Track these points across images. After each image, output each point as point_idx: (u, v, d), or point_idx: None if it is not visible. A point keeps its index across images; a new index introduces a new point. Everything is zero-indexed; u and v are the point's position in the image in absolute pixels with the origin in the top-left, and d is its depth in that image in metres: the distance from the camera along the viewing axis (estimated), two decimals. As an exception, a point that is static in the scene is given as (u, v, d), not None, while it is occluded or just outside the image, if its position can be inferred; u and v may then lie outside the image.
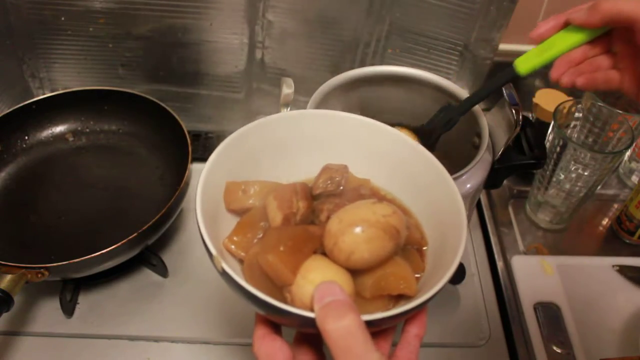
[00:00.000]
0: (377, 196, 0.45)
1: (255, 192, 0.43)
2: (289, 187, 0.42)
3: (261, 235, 0.41)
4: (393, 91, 0.67)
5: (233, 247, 0.40)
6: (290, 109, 0.55)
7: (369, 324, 0.33)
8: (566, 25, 0.47)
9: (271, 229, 0.40)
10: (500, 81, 0.54)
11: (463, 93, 0.62)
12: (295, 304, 0.36)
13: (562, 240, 0.78)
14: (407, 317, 0.38)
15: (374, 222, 0.37)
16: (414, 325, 0.39)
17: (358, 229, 0.36)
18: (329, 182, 0.43)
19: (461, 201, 0.40)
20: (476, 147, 0.59)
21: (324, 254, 0.38)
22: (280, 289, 0.38)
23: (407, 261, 0.41)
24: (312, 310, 0.34)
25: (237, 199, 0.43)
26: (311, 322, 0.33)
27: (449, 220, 0.41)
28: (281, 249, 0.37)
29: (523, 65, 0.49)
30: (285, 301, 0.37)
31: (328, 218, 0.39)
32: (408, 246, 0.42)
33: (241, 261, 0.40)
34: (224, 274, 0.35)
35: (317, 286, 0.34)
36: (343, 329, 0.32)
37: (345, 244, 0.36)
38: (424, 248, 0.43)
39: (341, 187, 0.43)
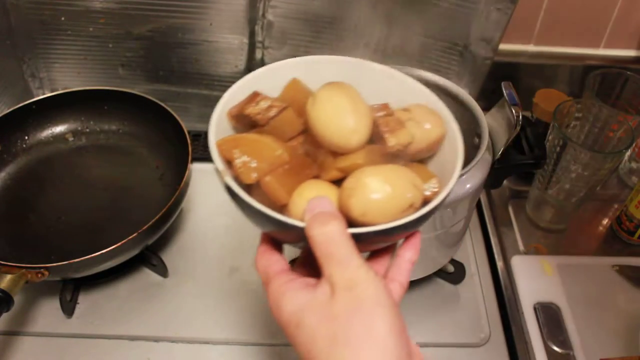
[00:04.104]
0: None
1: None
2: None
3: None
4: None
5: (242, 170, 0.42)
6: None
7: (356, 237, 0.34)
8: None
9: (275, 157, 0.42)
10: None
11: (463, 93, 0.62)
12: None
13: (562, 240, 0.78)
14: (394, 236, 0.38)
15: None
16: (407, 249, 0.39)
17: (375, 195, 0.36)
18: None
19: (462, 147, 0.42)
20: (476, 147, 0.59)
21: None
22: (281, 210, 0.39)
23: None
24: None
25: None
26: (301, 231, 0.34)
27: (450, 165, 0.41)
28: (279, 171, 0.39)
29: None
30: None
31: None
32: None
33: (249, 187, 0.41)
34: (228, 188, 0.38)
35: (309, 200, 0.36)
36: (326, 234, 0.33)
37: (358, 204, 0.36)
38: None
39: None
